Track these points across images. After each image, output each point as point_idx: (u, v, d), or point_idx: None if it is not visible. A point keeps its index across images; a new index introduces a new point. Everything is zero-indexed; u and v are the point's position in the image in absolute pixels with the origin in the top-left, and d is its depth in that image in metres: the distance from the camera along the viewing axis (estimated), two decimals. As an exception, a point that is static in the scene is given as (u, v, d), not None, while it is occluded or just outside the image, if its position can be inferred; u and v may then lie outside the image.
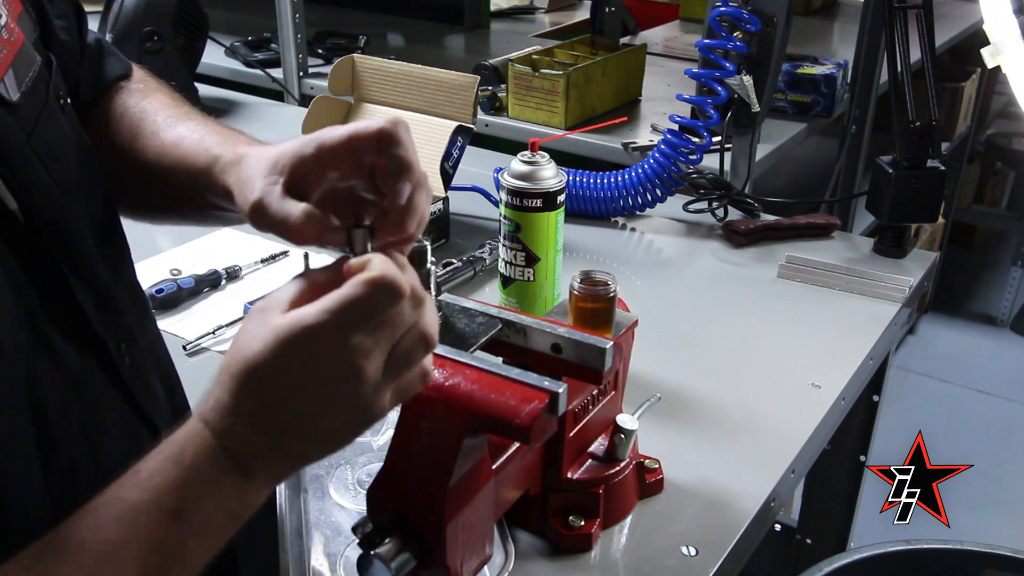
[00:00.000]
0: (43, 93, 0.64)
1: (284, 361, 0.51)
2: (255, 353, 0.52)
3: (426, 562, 0.66)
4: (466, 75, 1.40)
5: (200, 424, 0.54)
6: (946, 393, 3.05)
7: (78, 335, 0.62)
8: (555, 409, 0.66)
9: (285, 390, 0.52)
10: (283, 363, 0.51)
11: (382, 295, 0.52)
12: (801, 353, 1.14)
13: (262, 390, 0.52)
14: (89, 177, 0.70)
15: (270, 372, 0.52)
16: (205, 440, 0.53)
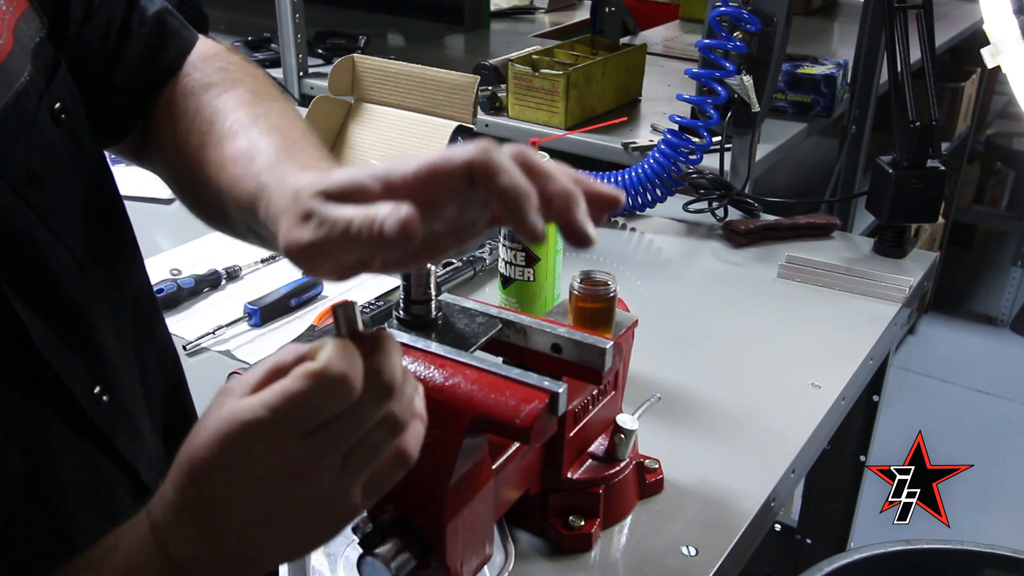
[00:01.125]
0: (29, 109, 0.56)
1: (221, 458, 0.46)
2: (198, 445, 0.46)
3: (426, 562, 0.66)
4: (466, 75, 1.40)
5: (144, 516, 0.49)
6: (946, 393, 3.05)
7: (34, 389, 0.55)
8: (555, 409, 0.66)
9: (224, 491, 0.46)
10: (220, 460, 0.46)
11: (324, 392, 0.45)
12: (801, 353, 1.14)
13: (200, 487, 0.47)
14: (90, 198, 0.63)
15: (207, 468, 0.46)
16: (143, 535, 0.49)
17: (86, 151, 0.63)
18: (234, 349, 1.11)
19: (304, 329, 1.11)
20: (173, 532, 0.48)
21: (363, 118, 1.50)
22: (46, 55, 0.59)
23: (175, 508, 0.48)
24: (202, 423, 0.47)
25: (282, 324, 1.17)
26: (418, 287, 0.75)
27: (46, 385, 0.55)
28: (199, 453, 0.46)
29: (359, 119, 1.50)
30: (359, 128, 1.50)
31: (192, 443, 0.47)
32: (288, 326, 1.17)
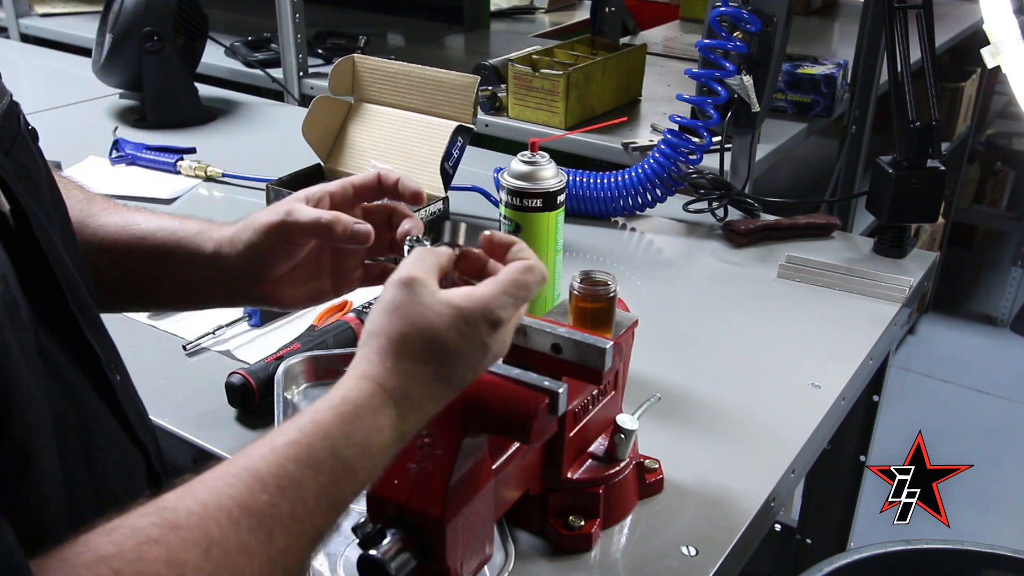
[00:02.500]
0: (15, 122, 0.66)
1: (466, 331, 0.62)
2: (440, 326, 0.61)
3: (426, 562, 0.66)
4: (466, 75, 1.40)
5: (376, 387, 0.60)
6: (946, 393, 3.05)
7: (71, 347, 0.62)
8: (555, 409, 0.66)
9: (462, 351, 0.62)
10: (465, 332, 0.62)
11: (537, 278, 0.66)
12: (801, 353, 1.14)
13: (447, 356, 0.61)
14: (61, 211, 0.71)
15: (454, 341, 0.61)
16: (382, 400, 0.60)
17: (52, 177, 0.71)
18: (234, 349, 1.11)
19: (304, 329, 1.11)
20: (408, 392, 0.61)
21: (363, 118, 1.50)
22: None
23: (414, 377, 0.61)
24: (424, 309, 0.61)
25: (282, 324, 1.17)
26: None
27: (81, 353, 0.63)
28: (444, 332, 0.61)
29: (359, 119, 1.50)
30: (359, 128, 1.50)
31: (425, 325, 0.61)
32: (288, 326, 1.17)
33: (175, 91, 1.88)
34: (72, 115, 1.96)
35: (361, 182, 0.80)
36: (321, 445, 0.56)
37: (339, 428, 0.57)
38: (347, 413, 0.58)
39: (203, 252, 0.80)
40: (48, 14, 2.71)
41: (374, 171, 0.81)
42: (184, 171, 1.63)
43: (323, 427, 0.57)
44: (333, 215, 0.76)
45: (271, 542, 0.52)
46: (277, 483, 0.53)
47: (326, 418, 0.57)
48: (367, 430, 0.58)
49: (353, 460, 0.57)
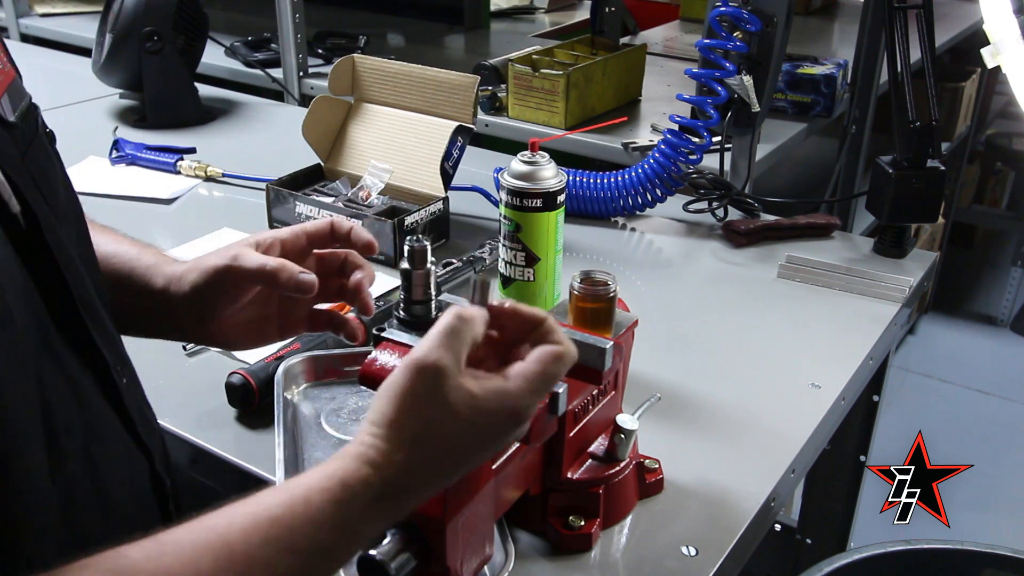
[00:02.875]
0: (33, 124, 0.67)
1: (489, 433, 0.59)
2: (460, 432, 0.58)
3: (426, 562, 0.66)
4: (466, 75, 1.40)
5: (378, 478, 0.57)
6: (946, 393, 3.05)
7: (79, 349, 0.62)
8: (555, 409, 0.66)
9: (480, 452, 0.60)
10: (487, 435, 0.59)
11: (567, 367, 0.62)
12: (801, 353, 1.14)
13: (461, 456, 0.59)
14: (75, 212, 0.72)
15: (473, 446, 0.59)
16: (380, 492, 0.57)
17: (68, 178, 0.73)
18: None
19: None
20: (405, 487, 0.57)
21: (363, 118, 1.50)
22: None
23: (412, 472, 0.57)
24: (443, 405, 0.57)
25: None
26: (418, 287, 0.75)
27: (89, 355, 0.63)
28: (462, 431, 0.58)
29: (359, 119, 1.50)
30: (359, 128, 1.50)
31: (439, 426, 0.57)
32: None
33: (175, 91, 1.88)
34: (72, 115, 1.96)
35: (314, 230, 0.80)
36: (305, 530, 0.54)
37: (328, 513, 0.55)
38: (341, 500, 0.55)
39: (152, 286, 0.80)
40: (48, 14, 2.71)
41: (327, 220, 0.81)
42: (184, 171, 1.63)
43: (312, 509, 0.55)
44: (278, 263, 0.76)
45: None
46: (248, 564, 0.52)
47: (317, 500, 0.55)
48: (356, 520, 0.56)
49: (335, 547, 0.56)
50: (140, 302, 0.81)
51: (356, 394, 1.00)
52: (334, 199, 1.42)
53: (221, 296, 0.78)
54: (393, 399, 0.58)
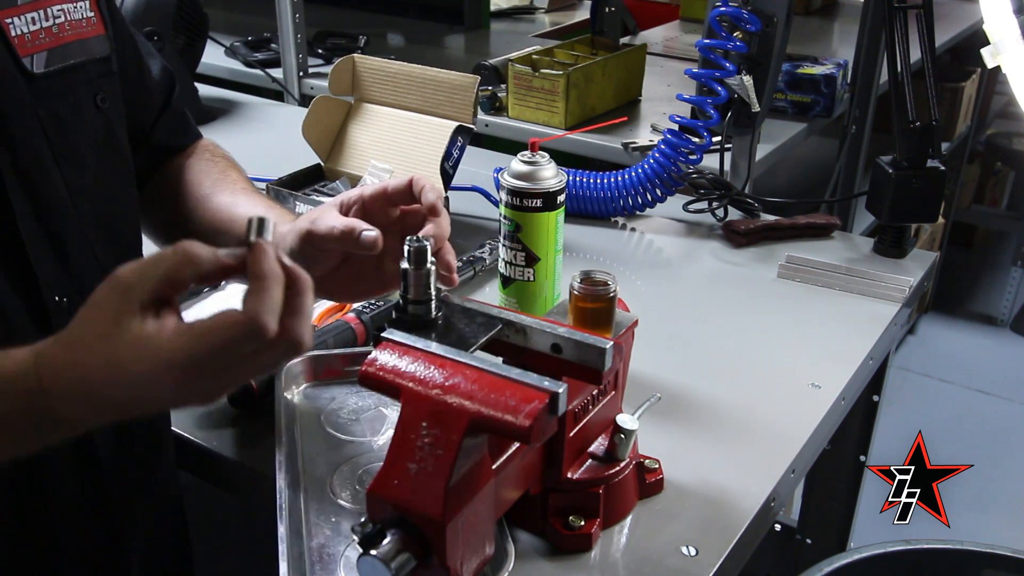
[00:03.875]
0: (77, 83, 0.79)
1: (125, 359, 0.54)
2: (108, 349, 0.54)
3: (426, 562, 0.66)
4: (466, 75, 1.40)
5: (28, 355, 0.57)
6: (946, 393, 3.05)
7: (13, 266, 0.72)
8: (555, 409, 0.66)
9: (116, 378, 0.55)
10: (124, 360, 0.54)
11: (246, 339, 0.54)
12: (801, 353, 1.14)
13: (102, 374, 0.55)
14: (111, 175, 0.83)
15: (112, 364, 0.54)
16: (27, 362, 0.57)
17: (116, 138, 0.85)
18: (234, 349, 1.11)
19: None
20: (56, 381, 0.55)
21: (363, 118, 1.50)
22: (105, 66, 0.83)
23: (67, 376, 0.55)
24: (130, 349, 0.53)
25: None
26: (418, 287, 0.75)
27: (22, 275, 0.73)
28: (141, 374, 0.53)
29: (359, 119, 1.50)
30: (359, 128, 1.50)
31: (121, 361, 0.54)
32: None
33: (175, 91, 1.88)
34: (72, 115, 1.96)
35: (395, 187, 0.82)
36: None
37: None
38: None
39: None
40: (48, 14, 2.70)
41: (408, 176, 0.82)
42: (184, 171, 1.63)
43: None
44: (346, 224, 0.78)
45: None
46: None
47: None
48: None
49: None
50: None
51: (356, 394, 1.00)
52: (334, 199, 1.42)
53: (311, 258, 0.80)
54: (87, 302, 0.56)
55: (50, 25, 0.76)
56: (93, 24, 0.81)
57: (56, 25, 0.77)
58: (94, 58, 0.81)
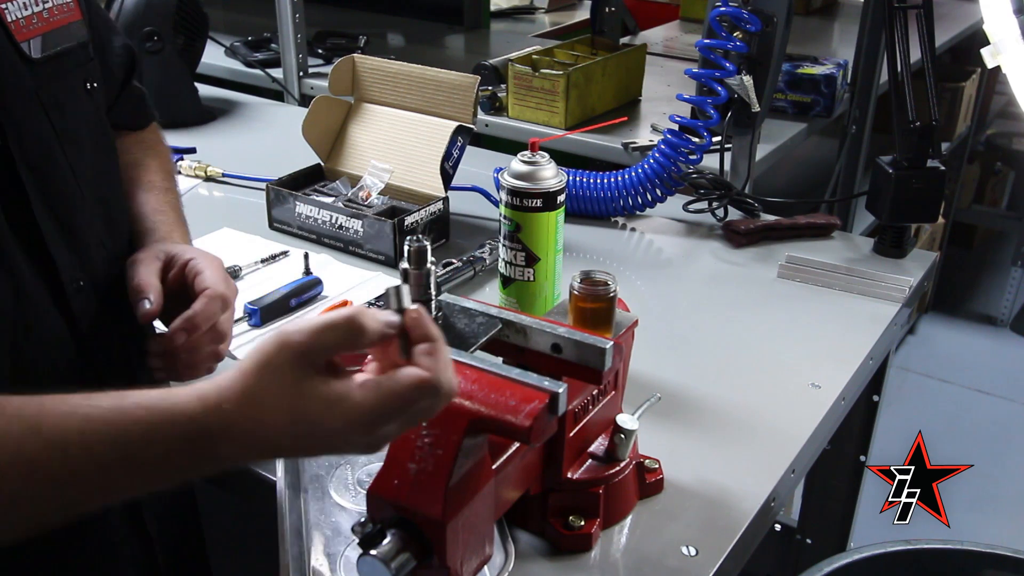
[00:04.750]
0: (69, 68, 0.80)
1: (311, 419, 0.57)
2: (289, 409, 0.57)
3: (426, 562, 0.66)
4: (466, 75, 1.40)
5: (198, 406, 0.57)
6: (946, 393, 3.05)
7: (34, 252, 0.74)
8: (555, 409, 0.66)
9: (298, 437, 0.57)
10: (309, 421, 0.57)
11: (428, 400, 0.58)
12: (801, 353, 1.14)
13: (281, 432, 0.57)
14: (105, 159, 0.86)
15: (294, 424, 0.57)
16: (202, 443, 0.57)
17: (104, 122, 0.87)
18: (234, 349, 1.11)
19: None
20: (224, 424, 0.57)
21: (363, 118, 1.50)
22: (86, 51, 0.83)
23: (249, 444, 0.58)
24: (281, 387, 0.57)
25: (282, 324, 1.17)
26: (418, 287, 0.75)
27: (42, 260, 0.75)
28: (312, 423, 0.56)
29: (359, 119, 1.50)
30: (359, 128, 1.50)
31: (294, 407, 0.56)
32: (288, 326, 1.16)
33: (175, 91, 1.88)
34: (72, 115, 1.96)
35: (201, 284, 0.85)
36: (111, 439, 0.56)
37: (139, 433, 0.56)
38: (157, 424, 0.57)
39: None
40: (48, 14, 2.70)
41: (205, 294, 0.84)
42: (184, 171, 1.63)
43: (127, 422, 0.56)
44: (138, 283, 0.83)
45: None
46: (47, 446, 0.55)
47: (135, 415, 0.57)
48: (165, 451, 0.57)
49: (140, 463, 0.57)
50: None
51: (356, 394, 0.99)
52: (334, 199, 1.42)
53: None
54: (252, 357, 0.58)
55: (40, 10, 0.77)
56: (72, 9, 0.82)
57: (46, 10, 0.77)
58: (78, 43, 0.82)
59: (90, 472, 0.56)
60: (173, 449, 0.57)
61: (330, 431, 0.57)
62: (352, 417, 0.57)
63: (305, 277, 1.24)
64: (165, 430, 0.56)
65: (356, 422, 0.57)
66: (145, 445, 0.56)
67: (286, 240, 1.41)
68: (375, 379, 0.58)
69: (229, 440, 0.57)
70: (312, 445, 0.59)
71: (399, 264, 0.75)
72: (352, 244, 1.36)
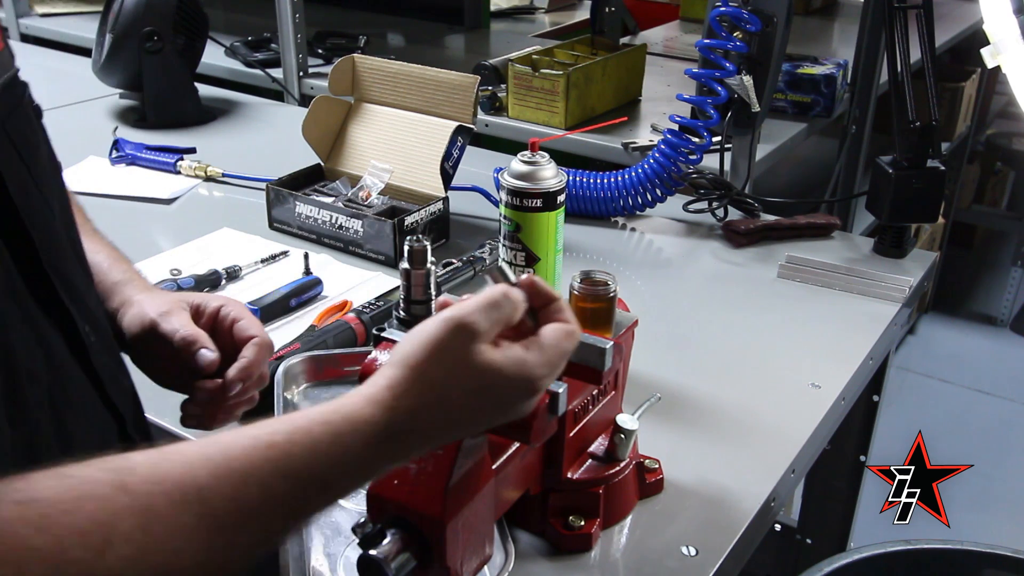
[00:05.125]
0: (19, 95, 0.70)
1: (505, 398, 0.60)
2: (479, 391, 0.59)
3: (426, 562, 0.66)
4: (466, 75, 1.40)
5: (384, 420, 0.57)
6: (946, 393, 3.05)
7: (48, 306, 0.65)
8: (555, 409, 0.66)
9: (492, 416, 0.61)
10: (502, 400, 0.60)
11: (575, 345, 0.63)
12: (801, 353, 1.14)
13: (474, 418, 0.60)
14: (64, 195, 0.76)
15: (487, 409, 0.60)
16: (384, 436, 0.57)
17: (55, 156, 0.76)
18: (234, 349, 1.11)
19: (304, 329, 1.11)
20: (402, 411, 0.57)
21: (363, 118, 1.50)
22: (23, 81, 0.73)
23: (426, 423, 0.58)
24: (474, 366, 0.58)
25: (282, 324, 1.17)
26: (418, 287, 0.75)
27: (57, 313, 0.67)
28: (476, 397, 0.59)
29: (359, 119, 1.50)
30: (359, 128, 1.50)
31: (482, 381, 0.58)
32: (288, 326, 1.17)
33: (175, 91, 1.88)
34: (72, 115, 1.96)
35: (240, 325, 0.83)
36: (303, 458, 0.54)
37: (327, 445, 0.55)
38: (342, 434, 0.56)
39: (109, 303, 0.84)
40: (48, 14, 2.71)
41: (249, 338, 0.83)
42: (184, 171, 1.63)
43: (311, 439, 0.55)
44: (188, 335, 0.79)
45: (219, 533, 0.51)
46: (244, 480, 0.52)
47: (318, 432, 0.55)
48: (357, 456, 0.56)
49: (332, 480, 0.56)
50: None
51: (356, 394, 0.99)
52: (334, 199, 1.42)
53: (141, 345, 0.82)
54: (422, 345, 0.58)
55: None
56: None
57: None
58: (15, 71, 0.73)
59: (288, 497, 0.54)
60: (363, 458, 0.56)
61: (513, 397, 0.60)
62: (531, 377, 0.60)
63: (305, 277, 1.24)
64: (352, 439, 0.56)
65: (534, 382, 0.60)
66: (337, 460, 0.55)
67: (286, 240, 1.41)
68: (533, 340, 0.61)
69: (417, 432, 0.58)
70: (493, 416, 0.61)
71: (399, 264, 0.75)
72: (352, 244, 1.36)
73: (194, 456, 0.52)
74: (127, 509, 0.48)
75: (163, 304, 0.82)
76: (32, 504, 0.46)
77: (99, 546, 0.46)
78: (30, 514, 0.45)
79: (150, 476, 0.50)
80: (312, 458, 0.55)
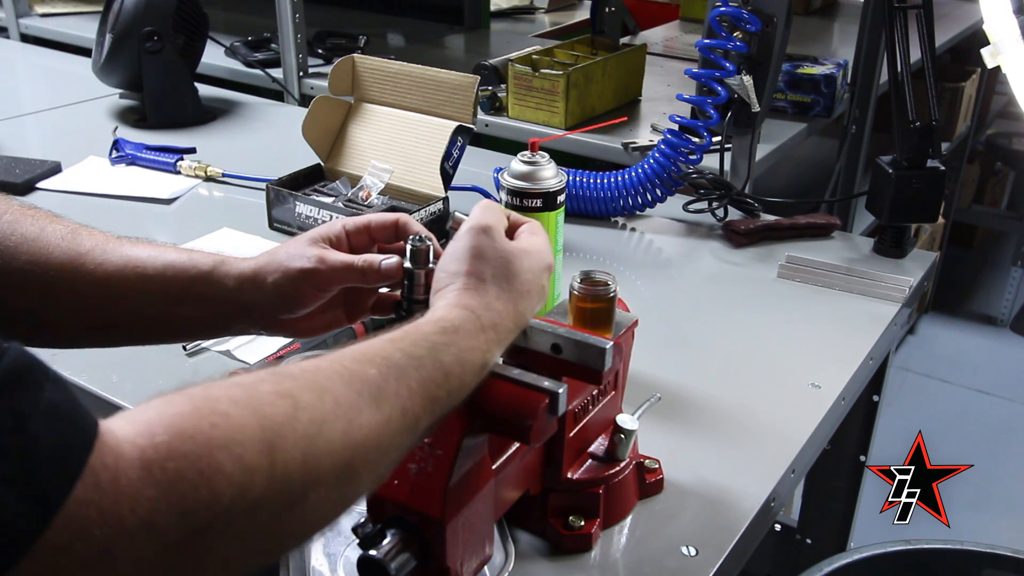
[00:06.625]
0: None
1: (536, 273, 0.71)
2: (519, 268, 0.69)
3: (426, 562, 0.66)
4: (466, 75, 1.40)
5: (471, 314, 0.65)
6: (946, 393, 3.05)
7: None
8: (555, 409, 0.66)
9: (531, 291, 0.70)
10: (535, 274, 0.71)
11: None
12: (801, 353, 1.14)
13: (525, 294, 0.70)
14: None
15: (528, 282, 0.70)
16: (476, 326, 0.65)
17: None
18: (234, 349, 1.11)
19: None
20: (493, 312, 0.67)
21: (363, 118, 1.50)
22: None
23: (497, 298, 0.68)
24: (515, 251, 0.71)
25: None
26: (420, 287, 0.75)
27: None
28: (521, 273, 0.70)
29: (359, 119, 1.50)
30: (359, 128, 1.50)
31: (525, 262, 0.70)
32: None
33: (175, 91, 1.88)
34: (72, 115, 1.96)
35: (379, 225, 0.82)
36: (422, 345, 0.60)
37: (438, 337, 0.61)
38: (446, 327, 0.62)
39: (222, 288, 0.77)
40: (48, 14, 2.71)
41: (393, 217, 0.82)
42: (184, 171, 1.63)
43: (422, 333, 0.61)
44: (366, 262, 0.78)
45: (379, 409, 0.55)
46: (385, 363, 0.57)
47: (426, 328, 0.62)
48: (463, 346, 0.62)
49: (449, 366, 0.61)
50: (206, 309, 0.78)
51: (356, 394, 0.99)
52: (334, 199, 1.42)
53: (307, 296, 0.78)
54: (459, 258, 0.68)
55: None
56: None
57: None
58: None
59: (416, 382, 0.58)
60: (472, 347, 0.63)
61: (536, 270, 0.71)
62: (540, 251, 0.72)
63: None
64: (456, 336, 0.62)
65: (542, 254, 0.72)
66: (449, 348, 0.61)
67: (286, 240, 1.40)
68: (532, 231, 0.74)
69: (505, 317, 0.67)
70: (532, 288, 0.70)
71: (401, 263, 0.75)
72: (352, 244, 1.36)
73: (333, 355, 0.57)
74: (297, 385, 0.52)
75: (300, 251, 0.79)
76: (221, 390, 0.49)
77: (289, 410, 0.50)
78: (223, 401, 0.48)
79: (304, 367, 0.54)
80: (430, 347, 0.61)
